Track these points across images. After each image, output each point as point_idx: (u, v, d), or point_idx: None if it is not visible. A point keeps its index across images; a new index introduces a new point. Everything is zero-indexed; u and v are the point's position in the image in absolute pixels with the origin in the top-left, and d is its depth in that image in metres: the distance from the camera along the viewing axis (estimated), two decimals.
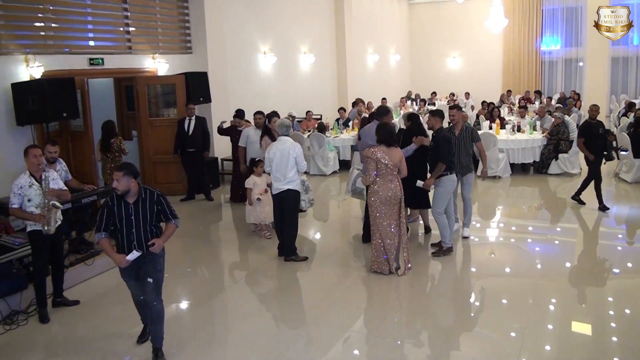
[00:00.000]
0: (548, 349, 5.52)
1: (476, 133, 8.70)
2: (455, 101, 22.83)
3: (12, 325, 6.26)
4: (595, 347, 5.54)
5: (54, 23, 9.95)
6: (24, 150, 6.41)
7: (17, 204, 6.16)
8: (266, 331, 6.17)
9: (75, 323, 6.40)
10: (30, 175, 6.24)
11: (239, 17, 14.52)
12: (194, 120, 11.27)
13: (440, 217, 7.82)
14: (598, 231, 9.58)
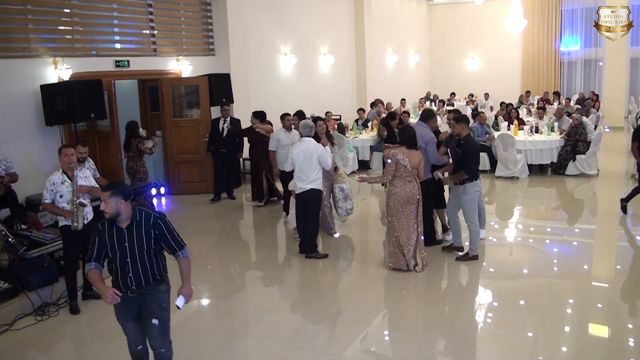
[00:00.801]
0: (564, 350, 5.59)
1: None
2: (474, 102, 22.94)
3: (43, 316, 6.53)
4: (612, 349, 5.60)
5: (81, 27, 10.28)
6: (58, 149, 6.66)
7: (49, 199, 6.43)
8: (288, 325, 6.39)
9: (104, 314, 6.63)
10: (63, 173, 6.49)
11: (261, 19, 14.78)
12: (228, 121, 11.47)
13: (473, 226, 7.79)
14: (616, 232, 9.65)
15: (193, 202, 11.70)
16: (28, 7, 9.35)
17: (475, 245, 7.84)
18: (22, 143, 9.20)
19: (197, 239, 9.55)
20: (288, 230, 9.61)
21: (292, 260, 8.35)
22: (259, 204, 11.37)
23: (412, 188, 7.31)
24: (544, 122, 14.38)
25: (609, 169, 13.84)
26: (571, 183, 12.62)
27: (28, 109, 9.33)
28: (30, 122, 9.37)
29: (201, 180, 12.21)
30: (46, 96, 9.14)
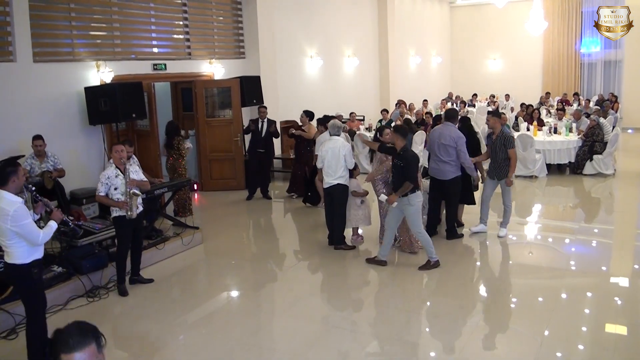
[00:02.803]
0: (581, 348, 5.74)
1: (509, 140, 8.85)
2: (495, 103, 23.26)
3: (94, 298, 7.14)
4: (631, 347, 5.73)
5: (121, 32, 10.89)
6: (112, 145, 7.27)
7: (103, 192, 6.97)
8: (320, 309, 6.99)
9: (150, 298, 7.25)
10: (116, 168, 7.06)
11: (288, 23, 15.35)
12: (266, 122, 11.93)
13: (422, 236, 7.81)
14: (633, 231, 9.98)
15: (226, 198, 12.29)
16: (72, 14, 9.97)
17: (432, 253, 7.82)
18: (67, 141, 9.81)
19: (231, 232, 10.18)
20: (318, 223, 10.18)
21: (322, 251, 8.85)
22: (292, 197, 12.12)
23: None
24: (562, 123, 14.77)
25: (627, 169, 14.25)
26: (588, 182, 13.01)
27: (72, 110, 9.95)
28: (74, 122, 9.99)
29: (232, 177, 12.81)
30: (90, 98, 9.73)
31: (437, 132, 8.84)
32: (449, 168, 8.62)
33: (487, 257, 8.56)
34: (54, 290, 6.89)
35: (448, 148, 8.55)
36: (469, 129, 9.40)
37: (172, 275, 8.07)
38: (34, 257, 5.30)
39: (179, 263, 8.48)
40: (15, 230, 5.07)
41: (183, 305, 7.10)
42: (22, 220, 5.06)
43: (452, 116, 8.98)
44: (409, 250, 8.40)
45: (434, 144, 8.77)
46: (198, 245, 9.15)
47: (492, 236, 9.26)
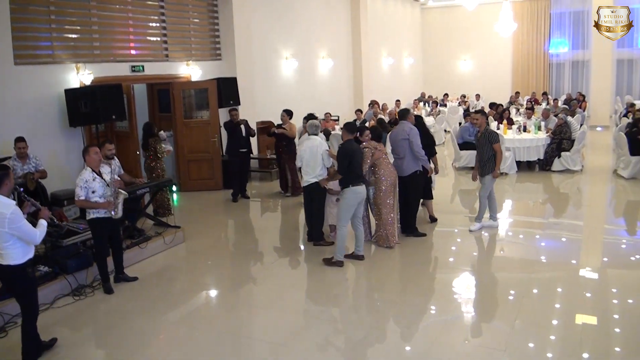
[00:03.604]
0: (552, 338, 5.92)
1: (494, 135, 9.19)
2: (466, 103, 23.71)
3: (80, 296, 7.30)
4: (600, 337, 5.90)
5: (100, 34, 11.00)
6: (85, 148, 7.38)
7: (83, 196, 7.08)
8: (302, 302, 7.26)
9: (135, 295, 7.43)
10: (92, 171, 7.17)
11: (264, 26, 15.56)
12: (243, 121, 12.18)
13: (340, 230, 7.99)
14: (599, 224, 10.41)
15: (205, 198, 12.50)
16: (52, 17, 10.08)
17: (341, 252, 8.05)
18: (47, 143, 9.90)
19: (212, 231, 10.39)
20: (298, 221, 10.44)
21: (302, 248, 9.16)
22: (287, 194, 12.44)
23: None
24: (531, 121, 15.21)
25: (594, 165, 14.74)
26: (557, 178, 13.46)
27: (53, 112, 10.05)
28: (54, 123, 10.09)
29: (211, 177, 13.00)
30: (70, 99, 9.85)
31: (394, 132, 9.20)
32: (406, 163, 8.93)
33: (459, 252, 8.82)
34: (41, 289, 6.85)
35: (403, 142, 8.88)
36: (422, 127, 9.74)
37: (155, 273, 8.24)
38: (27, 257, 5.46)
39: (161, 261, 8.67)
40: (13, 233, 5.21)
41: (168, 302, 7.28)
42: (19, 222, 5.22)
43: (405, 115, 9.28)
44: (385, 245, 8.68)
45: (393, 143, 9.12)
46: (180, 244, 9.34)
47: (464, 232, 9.60)
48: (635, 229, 9.94)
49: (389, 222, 8.64)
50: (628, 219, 10.56)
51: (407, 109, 9.66)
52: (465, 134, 14.74)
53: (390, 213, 8.62)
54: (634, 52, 24.70)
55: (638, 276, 7.63)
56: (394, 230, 8.70)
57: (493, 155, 9.10)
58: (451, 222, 10.21)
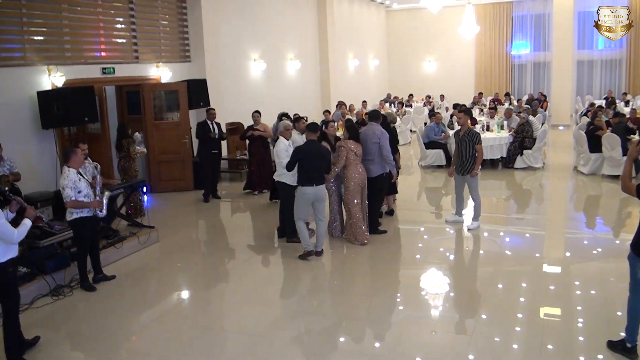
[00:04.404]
0: (518, 330, 6.10)
1: (476, 136, 9.48)
2: (431, 103, 24.14)
3: (59, 296, 7.37)
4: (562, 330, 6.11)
5: (72, 37, 11.03)
6: (68, 150, 7.48)
7: (74, 196, 7.22)
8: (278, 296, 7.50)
9: (113, 294, 7.55)
10: (77, 172, 7.31)
11: (232, 28, 15.69)
12: (215, 124, 12.31)
13: (296, 224, 8.45)
14: (561, 219, 10.83)
15: (176, 198, 12.60)
16: (24, 19, 10.11)
17: (305, 243, 8.45)
18: (20, 145, 9.82)
19: (185, 230, 10.55)
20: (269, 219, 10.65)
21: (275, 245, 9.37)
22: (254, 193, 12.58)
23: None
24: (494, 121, 15.66)
25: (556, 162, 15.32)
26: (519, 175, 13.91)
27: (25, 114, 10.04)
28: (27, 126, 10.07)
29: (182, 178, 13.11)
30: (43, 102, 9.87)
31: (363, 133, 9.34)
32: (375, 166, 9.17)
33: (427, 248, 9.10)
34: (20, 290, 6.99)
35: (373, 145, 9.12)
36: (387, 126, 10.07)
37: (132, 273, 8.36)
38: (8, 256, 5.55)
39: (137, 261, 8.80)
40: None
41: (146, 300, 7.45)
42: None
43: (376, 116, 9.55)
44: (356, 242, 8.95)
45: (363, 144, 9.25)
46: (154, 243, 9.46)
47: (433, 229, 9.99)
48: (595, 223, 10.39)
49: (359, 221, 8.91)
50: (588, 214, 11.05)
51: (378, 111, 9.95)
52: (430, 133, 15.10)
53: (358, 213, 8.88)
54: (593, 53, 25.48)
55: (599, 268, 7.93)
56: (363, 228, 8.97)
57: (473, 155, 9.40)
58: (418, 219, 10.57)
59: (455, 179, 9.88)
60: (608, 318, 6.21)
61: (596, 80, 25.83)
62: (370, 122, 9.45)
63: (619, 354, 5.42)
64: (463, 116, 9.82)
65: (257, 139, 12.21)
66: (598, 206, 11.70)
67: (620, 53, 25.09)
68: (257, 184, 12.59)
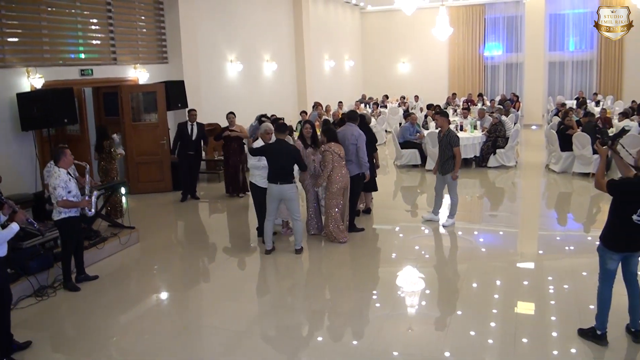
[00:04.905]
0: (493, 326, 6.26)
1: (454, 139, 9.66)
2: (406, 104, 24.44)
3: (43, 297, 7.44)
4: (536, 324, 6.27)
5: (50, 38, 11.05)
6: (58, 151, 7.52)
7: (65, 195, 7.32)
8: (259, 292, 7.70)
9: (97, 293, 7.64)
10: (67, 173, 7.42)
11: (209, 29, 15.78)
12: (196, 125, 12.37)
13: (265, 221, 8.79)
14: (534, 216, 11.15)
15: (155, 200, 12.69)
16: (2, 21, 10.10)
17: (267, 242, 8.83)
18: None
19: (165, 231, 10.66)
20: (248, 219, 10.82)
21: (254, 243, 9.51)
22: (241, 195, 12.61)
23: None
24: (468, 121, 15.97)
25: (528, 161, 15.71)
26: (492, 174, 14.25)
27: (4, 116, 10.02)
28: (6, 128, 10.06)
29: (160, 179, 13.18)
30: (22, 104, 9.85)
31: (341, 134, 9.51)
32: (351, 166, 9.36)
33: (403, 246, 9.31)
34: None
35: (351, 147, 9.32)
36: (366, 126, 10.32)
37: (114, 273, 8.46)
38: None
39: (119, 261, 8.90)
40: None
41: (129, 300, 7.56)
42: None
43: (353, 117, 9.76)
44: (335, 240, 9.13)
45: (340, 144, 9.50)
46: (135, 244, 9.56)
47: (409, 227, 10.24)
48: (567, 220, 10.71)
49: (338, 221, 9.10)
50: (560, 211, 11.37)
51: (355, 111, 10.15)
52: (406, 133, 15.36)
53: (339, 213, 9.08)
54: (564, 54, 25.96)
55: (571, 263, 8.20)
56: (343, 227, 9.17)
57: (452, 156, 9.62)
58: (395, 218, 10.81)
59: (436, 178, 10.10)
60: (580, 311, 6.42)
61: (567, 81, 26.29)
62: (348, 122, 9.64)
63: (589, 341, 5.71)
64: (440, 118, 10.05)
65: (232, 141, 12.26)
66: (569, 203, 12.05)
67: (591, 54, 25.60)
68: (234, 188, 12.65)
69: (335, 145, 8.97)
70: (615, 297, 5.67)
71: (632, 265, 5.61)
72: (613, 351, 5.59)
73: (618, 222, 5.45)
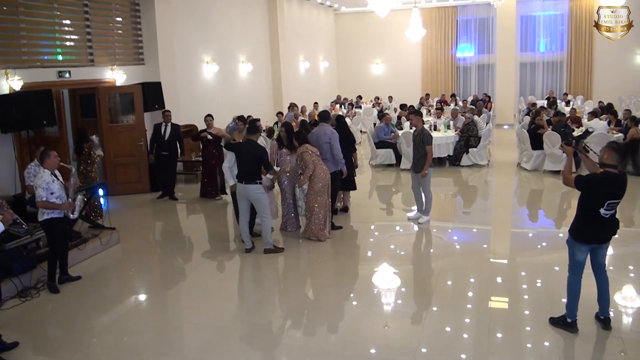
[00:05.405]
0: (468, 321, 6.40)
1: (427, 137, 9.86)
2: (380, 104, 24.72)
3: (27, 298, 7.49)
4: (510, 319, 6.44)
5: (28, 40, 11.05)
6: (44, 152, 7.61)
7: (45, 197, 7.36)
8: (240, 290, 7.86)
9: (80, 294, 7.72)
10: (51, 174, 7.48)
11: (185, 31, 15.87)
12: (169, 126, 12.48)
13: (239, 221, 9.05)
14: (506, 213, 11.44)
15: (133, 201, 12.75)
16: None
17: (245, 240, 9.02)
18: None
19: (145, 231, 10.79)
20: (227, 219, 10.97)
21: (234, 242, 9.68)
22: (218, 198, 12.65)
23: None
24: (441, 120, 16.28)
25: (500, 159, 16.12)
26: (465, 172, 14.58)
27: None
28: None
29: (138, 180, 13.24)
30: (1, 106, 9.84)
31: (314, 134, 9.77)
32: (328, 164, 9.53)
33: (379, 244, 9.51)
34: None
35: (325, 145, 9.58)
36: (343, 126, 10.55)
37: (96, 273, 8.54)
38: None
39: (100, 262, 8.97)
40: None
41: (112, 299, 7.65)
42: None
43: (325, 117, 10.02)
44: (315, 238, 9.32)
45: (315, 144, 9.68)
46: (115, 245, 9.64)
47: (385, 225, 10.52)
48: (539, 216, 11.03)
49: (321, 219, 9.28)
50: (532, 208, 11.73)
51: (327, 112, 10.38)
52: (380, 133, 15.61)
53: (321, 210, 9.25)
54: (535, 55, 26.56)
55: (543, 259, 8.44)
56: (325, 225, 9.36)
57: (425, 154, 9.83)
58: (371, 216, 11.06)
59: (411, 177, 10.34)
60: (552, 303, 6.63)
61: (538, 82, 26.87)
62: (321, 122, 9.89)
63: (560, 329, 5.99)
64: (414, 117, 10.29)
65: (210, 144, 12.33)
66: (541, 200, 12.40)
67: (561, 55, 26.19)
68: (212, 190, 12.67)
69: (310, 146, 9.23)
70: (584, 287, 5.95)
71: (600, 256, 5.93)
72: (583, 338, 5.87)
73: (586, 215, 5.75)
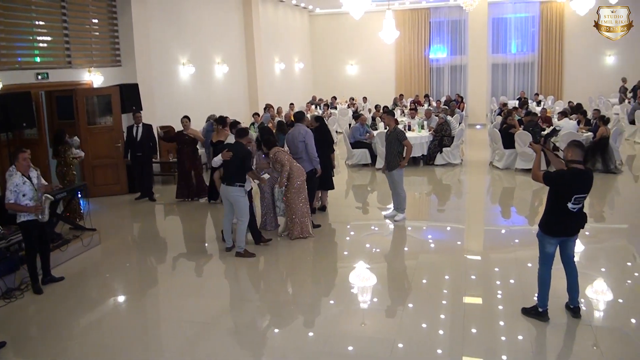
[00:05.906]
0: (443, 318, 6.56)
1: (401, 134, 10.15)
2: (355, 105, 24.98)
3: (11, 299, 7.56)
4: (483, 315, 6.60)
5: (7, 42, 11.10)
6: (13, 154, 7.67)
7: (13, 199, 7.40)
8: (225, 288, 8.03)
9: (63, 295, 7.80)
10: (22, 175, 7.53)
11: (162, 32, 15.96)
12: (141, 127, 12.59)
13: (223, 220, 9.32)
14: (479, 210, 11.75)
15: (111, 202, 12.80)
16: None
17: (228, 241, 9.18)
18: None
19: (125, 233, 10.90)
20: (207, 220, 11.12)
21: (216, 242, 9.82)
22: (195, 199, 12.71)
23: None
24: (415, 121, 16.58)
25: (472, 159, 16.46)
26: (439, 171, 14.89)
27: None
28: None
29: (116, 182, 13.31)
30: None
31: (291, 134, 10.06)
32: (304, 163, 9.78)
33: (356, 242, 9.72)
34: None
35: (300, 144, 9.83)
36: (324, 127, 10.85)
37: (79, 274, 8.63)
38: None
39: (82, 262, 9.06)
40: None
41: (96, 299, 7.77)
42: None
43: (300, 117, 10.27)
44: (299, 236, 9.49)
45: (290, 144, 10.00)
46: (96, 246, 9.73)
47: (362, 224, 10.74)
48: (511, 213, 11.34)
49: (303, 216, 9.48)
50: (504, 205, 12.05)
51: (303, 112, 10.61)
52: (356, 133, 15.86)
53: (304, 207, 9.46)
54: (507, 57, 27.11)
55: (516, 256, 8.63)
56: (307, 222, 9.56)
57: (400, 152, 10.03)
58: (348, 215, 11.28)
59: (386, 177, 10.55)
60: (524, 297, 6.84)
61: (510, 82, 27.41)
62: (296, 123, 10.14)
63: (532, 318, 6.28)
64: (386, 117, 10.54)
65: (187, 145, 12.40)
66: (513, 197, 12.74)
67: (532, 57, 26.76)
68: (188, 192, 12.69)
69: (281, 149, 9.52)
70: (554, 279, 6.25)
71: (569, 248, 6.24)
72: (554, 326, 6.15)
73: (555, 210, 6.05)
